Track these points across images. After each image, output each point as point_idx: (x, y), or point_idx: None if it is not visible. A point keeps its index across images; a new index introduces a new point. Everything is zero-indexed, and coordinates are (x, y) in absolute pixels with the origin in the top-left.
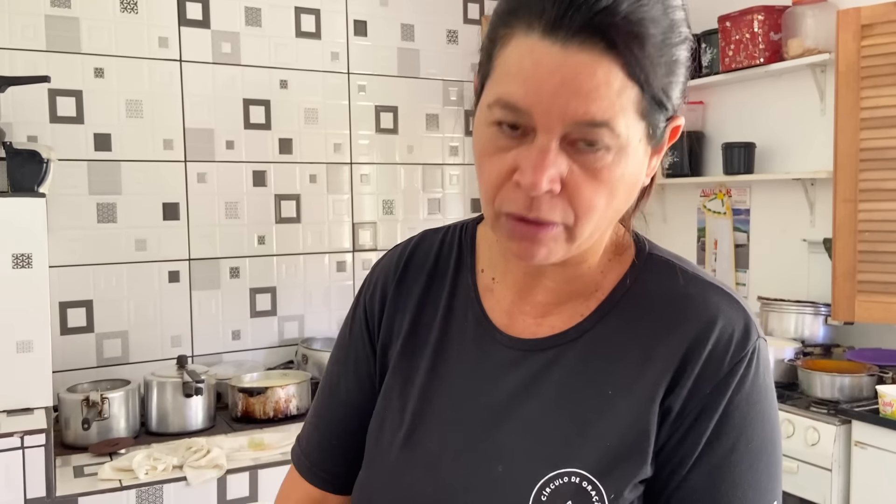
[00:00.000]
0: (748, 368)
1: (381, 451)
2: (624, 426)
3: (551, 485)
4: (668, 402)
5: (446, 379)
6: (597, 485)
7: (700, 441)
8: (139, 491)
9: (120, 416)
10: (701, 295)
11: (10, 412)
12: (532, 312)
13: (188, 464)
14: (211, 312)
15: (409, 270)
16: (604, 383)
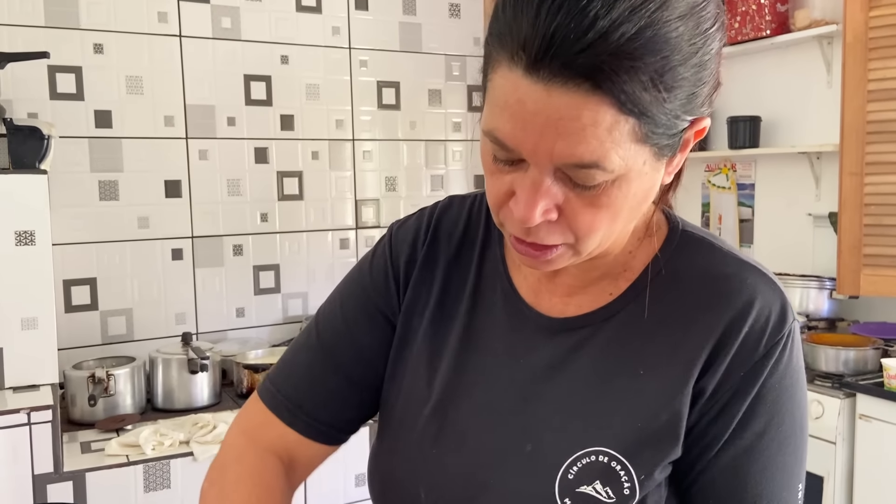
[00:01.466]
0: (783, 351)
1: (406, 424)
2: (655, 407)
3: (579, 463)
4: (701, 383)
5: (476, 353)
6: (626, 465)
7: (731, 423)
8: (146, 466)
9: (126, 392)
10: (737, 275)
11: (16, 389)
12: (558, 292)
13: (195, 439)
14: (215, 290)
15: (439, 237)
16: (635, 363)
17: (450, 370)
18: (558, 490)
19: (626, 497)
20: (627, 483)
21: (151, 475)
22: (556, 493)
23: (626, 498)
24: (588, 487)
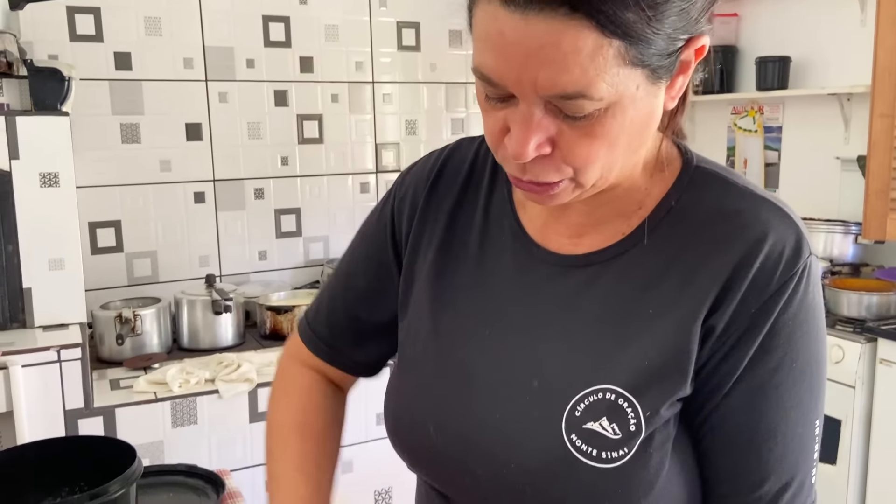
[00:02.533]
0: (797, 286)
1: (414, 362)
2: (664, 345)
3: (586, 401)
4: (711, 320)
5: (484, 292)
6: (632, 402)
7: (743, 360)
8: (174, 403)
9: (152, 332)
10: (751, 210)
11: (46, 328)
12: (566, 232)
13: (220, 378)
14: (237, 233)
15: (443, 178)
16: (645, 302)
17: (456, 309)
18: (565, 426)
19: (631, 433)
20: (634, 420)
21: (178, 411)
22: (563, 429)
23: (632, 434)
24: (594, 424)
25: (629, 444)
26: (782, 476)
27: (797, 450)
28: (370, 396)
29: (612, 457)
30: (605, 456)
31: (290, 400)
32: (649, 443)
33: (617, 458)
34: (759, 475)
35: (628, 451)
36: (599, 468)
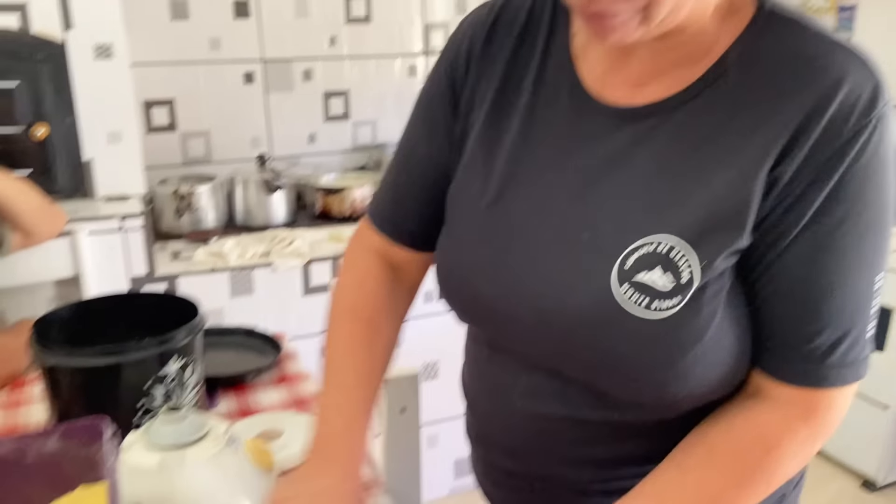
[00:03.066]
0: (871, 136)
1: (465, 217)
2: (724, 194)
3: (639, 252)
4: (777, 170)
5: (536, 144)
6: (687, 252)
7: (808, 211)
8: (231, 274)
9: (208, 209)
10: (826, 55)
11: (108, 199)
12: (627, 81)
13: (274, 252)
14: (286, 115)
15: (499, 28)
16: (706, 151)
17: (507, 163)
18: (615, 278)
19: (683, 286)
20: (687, 271)
21: (236, 282)
22: (613, 280)
23: (686, 286)
24: (646, 275)
25: (681, 294)
26: (838, 329)
27: (855, 303)
28: None
29: (663, 307)
30: (655, 306)
31: (351, 284)
32: (702, 294)
33: (667, 308)
34: (814, 327)
35: (679, 302)
36: (649, 319)
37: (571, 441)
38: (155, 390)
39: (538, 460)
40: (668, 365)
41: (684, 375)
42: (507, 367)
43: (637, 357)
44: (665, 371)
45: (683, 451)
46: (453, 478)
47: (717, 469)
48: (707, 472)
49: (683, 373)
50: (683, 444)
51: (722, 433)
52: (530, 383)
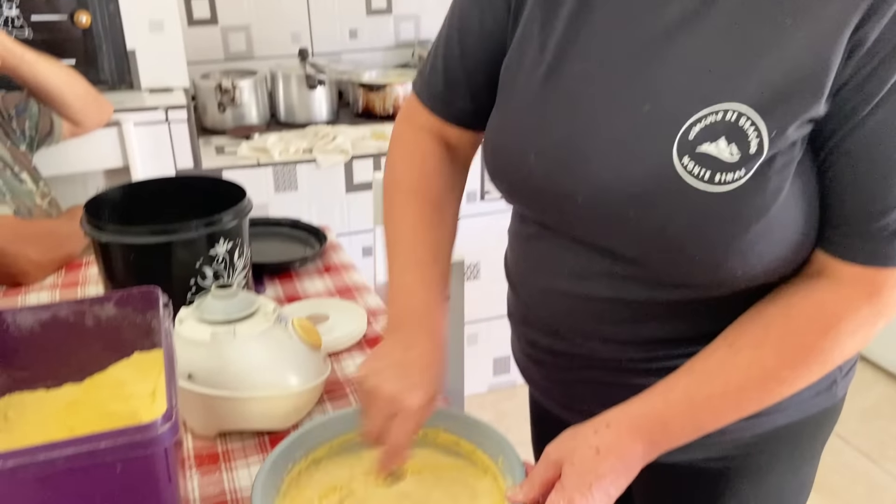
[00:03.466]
0: None
1: (518, 91)
2: (799, 59)
3: (704, 121)
4: (860, 33)
5: (594, 11)
6: (757, 121)
7: (889, 80)
8: (275, 169)
9: (251, 104)
10: None
11: (152, 90)
12: None
13: (317, 148)
14: (327, 9)
15: None
16: (782, 12)
17: (565, 31)
18: (677, 150)
19: (751, 156)
20: (756, 141)
21: (280, 177)
22: (675, 152)
23: (752, 157)
24: (711, 146)
25: (747, 166)
26: None
27: None
28: None
29: (727, 179)
30: (718, 179)
31: (409, 164)
32: (769, 166)
33: (731, 180)
34: (883, 204)
35: (745, 174)
36: (711, 192)
37: (618, 321)
38: (205, 270)
39: (583, 340)
40: (729, 242)
41: (744, 253)
42: (554, 247)
43: (696, 233)
44: (725, 248)
45: (736, 330)
46: (492, 375)
47: (772, 348)
48: (760, 352)
49: (744, 250)
50: (737, 323)
51: (779, 312)
52: (578, 263)
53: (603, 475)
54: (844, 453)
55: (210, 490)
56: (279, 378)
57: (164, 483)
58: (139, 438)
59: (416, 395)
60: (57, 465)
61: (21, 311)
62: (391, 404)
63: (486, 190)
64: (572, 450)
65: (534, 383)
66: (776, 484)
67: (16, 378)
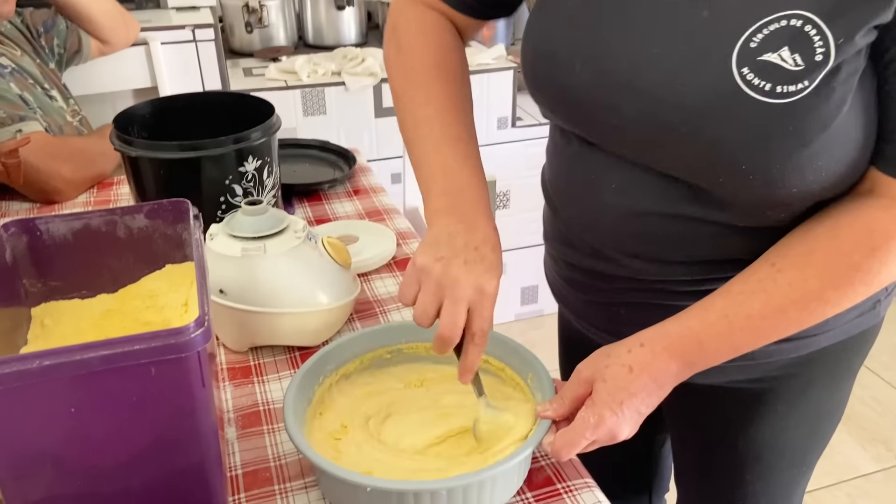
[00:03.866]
0: None
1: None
2: None
3: (766, 29)
4: None
5: None
6: (822, 28)
7: None
8: (303, 91)
9: (279, 24)
10: None
11: (178, 9)
12: None
13: (345, 70)
14: None
15: None
16: None
17: None
18: (736, 59)
19: (816, 64)
20: (821, 49)
21: (308, 99)
22: (734, 62)
23: (817, 65)
24: (773, 55)
25: (811, 76)
26: None
27: None
28: (491, 101)
29: (789, 91)
30: (780, 90)
31: (424, 40)
32: (834, 76)
33: (794, 92)
34: None
35: (809, 84)
36: (771, 103)
37: (664, 240)
38: (234, 187)
39: (628, 260)
40: (787, 157)
41: (802, 170)
42: (598, 163)
43: (754, 149)
44: (783, 165)
45: (780, 250)
46: (520, 304)
47: (816, 268)
48: (804, 272)
49: (802, 166)
50: (781, 243)
51: (826, 231)
52: (623, 180)
53: (635, 393)
54: (873, 386)
55: (243, 401)
56: (309, 295)
57: (198, 387)
58: (172, 342)
59: (494, 279)
60: (92, 366)
61: (54, 220)
62: (474, 291)
63: (517, 116)
64: (605, 367)
65: (570, 306)
66: (813, 406)
67: (51, 287)
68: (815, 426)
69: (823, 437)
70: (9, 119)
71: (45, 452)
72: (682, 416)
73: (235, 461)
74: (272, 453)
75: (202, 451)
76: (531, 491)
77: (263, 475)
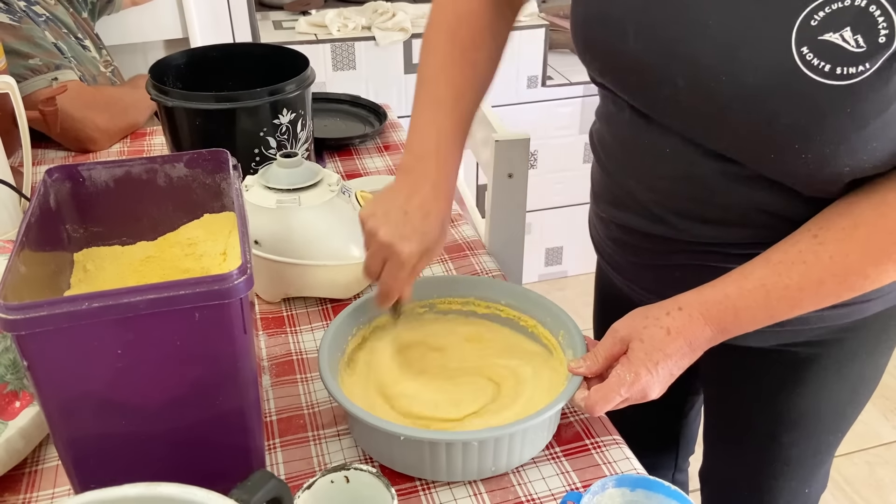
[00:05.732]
0: None
1: None
2: None
3: (828, 7)
4: None
5: None
6: (887, 9)
7: None
8: (333, 45)
9: None
10: None
11: None
12: None
13: (376, 25)
14: None
15: None
16: None
17: None
18: (796, 37)
19: (880, 46)
20: (885, 30)
21: (338, 53)
22: (793, 40)
23: (881, 47)
24: (834, 35)
25: (873, 58)
26: None
27: None
28: (522, 59)
29: (849, 73)
30: (840, 72)
31: (444, 4)
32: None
33: (854, 74)
34: None
35: (870, 67)
36: (830, 84)
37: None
38: (268, 139)
39: (685, 224)
40: (842, 140)
41: (856, 151)
42: (653, 132)
43: (810, 131)
44: (837, 146)
45: (822, 222)
46: (544, 265)
47: (858, 243)
48: (845, 246)
49: (857, 148)
50: (824, 214)
51: (871, 207)
52: (681, 147)
53: (670, 355)
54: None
55: (276, 351)
56: (342, 248)
57: (240, 333)
58: (216, 288)
59: (410, 243)
60: (139, 308)
61: (96, 167)
62: (384, 249)
63: (547, 75)
64: (643, 328)
65: (616, 267)
66: (856, 372)
67: (92, 233)
68: (855, 392)
69: (861, 403)
70: (45, 67)
71: (91, 392)
72: (722, 378)
73: (270, 408)
74: (305, 401)
75: (241, 395)
76: (560, 446)
77: (297, 422)
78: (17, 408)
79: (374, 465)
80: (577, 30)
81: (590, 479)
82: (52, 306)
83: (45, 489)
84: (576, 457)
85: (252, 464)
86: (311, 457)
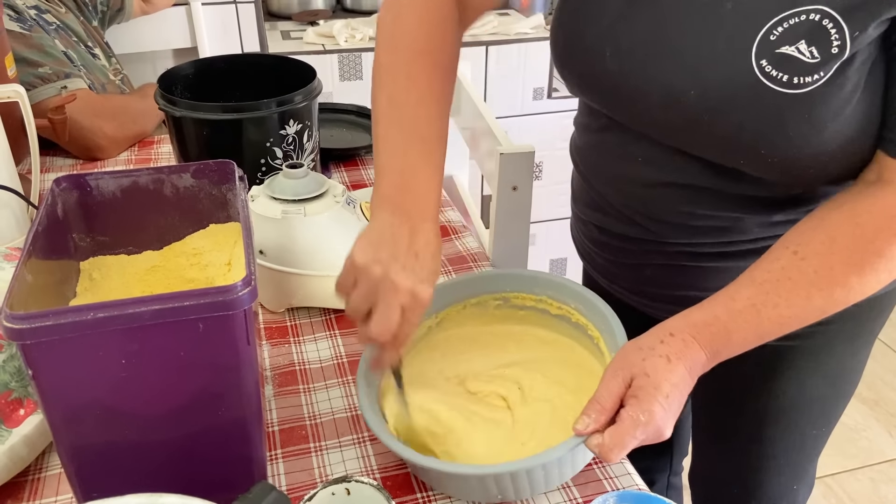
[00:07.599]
0: None
1: None
2: None
3: (786, 23)
4: None
5: None
6: (840, 22)
7: None
8: (340, 56)
9: None
10: None
11: None
12: None
13: None
14: None
15: None
16: None
17: None
18: (756, 51)
19: (832, 56)
20: (837, 42)
21: (345, 63)
22: (753, 54)
23: (833, 57)
24: (790, 48)
25: (826, 67)
26: None
27: None
28: (528, 71)
29: (805, 81)
30: (797, 81)
31: (419, 20)
32: (849, 65)
33: (811, 82)
34: None
35: (824, 75)
36: (787, 93)
37: (692, 207)
38: (275, 150)
39: (656, 226)
40: (804, 143)
41: (817, 154)
42: (626, 137)
43: (772, 136)
44: (799, 150)
45: (799, 238)
46: None
47: (839, 256)
48: (828, 259)
49: (818, 151)
50: (799, 229)
51: (845, 219)
52: (652, 156)
53: (676, 384)
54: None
55: (279, 361)
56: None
57: (243, 344)
58: (221, 299)
59: (430, 287)
60: (143, 319)
61: (103, 177)
62: (409, 297)
63: (553, 87)
64: (642, 360)
65: (597, 267)
66: (835, 362)
67: (99, 242)
68: (836, 383)
69: (843, 396)
70: (54, 76)
71: (95, 401)
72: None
73: (272, 418)
74: (308, 412)
75: (244, 405)
76: None
77: (299, 433)
78: (21, 415)
79: (374, 477)
80: (558, 51)
81: (591, 494)
82: (57, 316)
83: (47, 497)
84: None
85: (254, 474)
86: (313, 468)
